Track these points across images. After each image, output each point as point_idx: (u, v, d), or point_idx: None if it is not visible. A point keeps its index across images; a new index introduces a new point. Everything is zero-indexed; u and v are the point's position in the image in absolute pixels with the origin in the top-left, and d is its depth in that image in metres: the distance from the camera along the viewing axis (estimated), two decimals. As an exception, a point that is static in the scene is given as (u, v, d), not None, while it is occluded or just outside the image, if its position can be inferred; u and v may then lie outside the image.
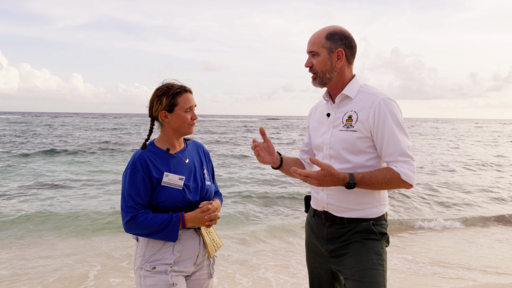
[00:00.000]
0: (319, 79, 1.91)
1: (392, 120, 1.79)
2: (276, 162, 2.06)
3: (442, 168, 13.97)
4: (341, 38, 1.88)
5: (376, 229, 1.86)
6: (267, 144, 2.02)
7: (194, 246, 1.95)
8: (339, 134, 1.87)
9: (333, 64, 1.88)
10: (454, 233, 6.53)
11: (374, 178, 1.77)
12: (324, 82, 1.92)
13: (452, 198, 9.14)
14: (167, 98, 1.90)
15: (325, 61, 1.88)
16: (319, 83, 1.93)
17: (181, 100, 1.91)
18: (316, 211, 2.00)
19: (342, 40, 1.88)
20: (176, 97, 1.90)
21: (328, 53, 1.88)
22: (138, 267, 1.90)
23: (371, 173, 1.78)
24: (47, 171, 12.00)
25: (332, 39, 1.87)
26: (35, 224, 6.41)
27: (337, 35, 1.88)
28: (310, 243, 2.07)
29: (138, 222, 1.81)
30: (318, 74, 1.90)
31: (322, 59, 1.88)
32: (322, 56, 1.88)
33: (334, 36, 1.88)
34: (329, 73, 1.89)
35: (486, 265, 4.91)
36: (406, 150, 1.80)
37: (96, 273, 4.46)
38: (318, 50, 1.89)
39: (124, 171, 1.90)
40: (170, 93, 1.90)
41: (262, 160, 2.01)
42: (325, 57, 1.88)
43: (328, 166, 1.73)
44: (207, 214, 1.88)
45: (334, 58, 1.88)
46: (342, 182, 1.76)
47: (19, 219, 6.63)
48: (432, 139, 31.09)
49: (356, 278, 1.82)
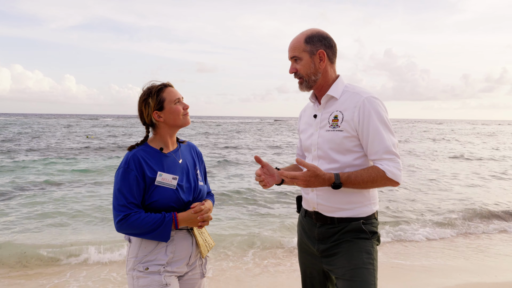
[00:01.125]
0: (306, 82, 1.93)
1: (376, 118, 1.81)
2: (278, 180, 2.04)
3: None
4: (319, 39, 1.90)
5: (366, 228, 1.87)
6: (266, 169, 2.00)
7: (187, 247, 1.95)
8: (326, 135, 1.89)
9: (317, 66, 1.91)
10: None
11: (360, 177, 1.79)
12: (311, 85, 1.94)
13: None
14: (153, 98, 1.91)
15: (309, 64, 1.90)
16: (306, 87, 1.95)
17: (167, 94, 1.92)
18: (307, 211, 2.02)
19: (321, 41, 1.90)
20: (160, 93, 1.92)
21: (310, 56, 1.90)
22: (130, 268, 1.90)
23: (356, 172, 1.80)
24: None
25: (311, 41, 1.90)
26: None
27: (315, 37, 1.90)
28: (302, 243, 2.08)
29: (130, 221, 1.80)
30: (304, 78, 1.92)
31: (305, 62, 1.91)
32: (305, 60, 1.90)
33: (312, 38, 1.90)
34: (314, 76, 1.91)
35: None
36: (391, 148, 1.81)
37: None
38: (299, 55, 1.91)
39: (117, 170, 1.90)
40: (153, 92, 1.92)
41: (267, 186, 1.97)
42: (307, 61, 1.90)
43: (313, 167, 1.75)
44: (200, 215, 1.89)
45: (316, 60, 1.90)
46: (328, 182, 1.78)
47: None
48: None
49: (347, 277, 1.83)
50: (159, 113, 1.92)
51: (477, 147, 24.65)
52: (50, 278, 4.45)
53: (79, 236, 5.97)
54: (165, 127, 1.95)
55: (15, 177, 11.06)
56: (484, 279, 4.47)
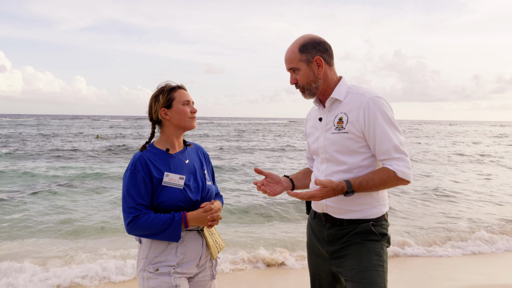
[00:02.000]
0: (308, 91, 1.93)
1: (382, 118, 1.80)
2: (288, 187, 2.05)
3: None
4: (313, 46, 1.89)
5: (376, 229, 1.86)
6: (269, 178, 2.02)
7: (197, 248, 1.96)
8: (331, 137, 1.89)
9: (316, 73, 1.90)
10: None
11: (372, 182, 1.78)
12: (313, 92, 1.94)
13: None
14: (163, 95, 1.95)
15: (307, 73, 1.90)
16: (309, 95, 1.95)
17: (177, 94, 1.96)
18: (316, 213, 2.02)
19: (315, 48, 1.89)
20: (171, 92, 1.96)
21: (307, 65, 1.89)
22: (141, 269, 1.91)
23: (367, 177, 1.80)
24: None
25: (306, 50, 1.88)
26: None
27: (309, 45, 1.89)
28: (311, 245, 2.08)
29: (140, 222, 1.82)
30: (305, 87, 1.92)
31: (303, 72, 1.90)
32: (303, 69, 1.90)
33: (306, 46, 1.88)
34: (315, 83, 1.91)
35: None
36: (400, 147, 1.80)
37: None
38: (296, 66, 1.90)
39: (125, 173, 1.92)
40: (165, 90, 1.96)
41: (272, 193, 1.97)
42: (306, 70, 1.89)
43: (329, 183, 1.75)
44: (210, 214, 1.90)
45: (314, 67, 1.89)
46: (341, 192, 1.78)
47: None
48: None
49: (356, 279, 1.82)
50: (166, 111, 1.95)
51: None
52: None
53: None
54: (170, 126, 1.97)
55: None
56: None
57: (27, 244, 5.67)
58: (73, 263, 4.77)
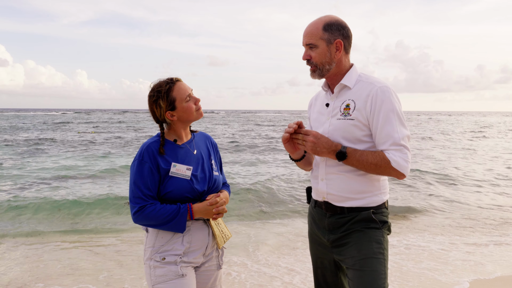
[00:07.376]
0: (319, 71, 1.90)
1: (389, 108, 1.79)
2: (300, 154, 2.02)
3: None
4: (338, 28, 1.86)
5: (376, 217, 1.87)
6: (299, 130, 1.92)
7: (203, 237, 1.98)
8: (337, 123, 1.88)
9: (332, 56, 1.87)
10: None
11: (365, 156, 1.79)
12: (324, 73, 1.91)
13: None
14: (163, 99, 1.91)
15: (324, 53, 1.87)
16: (319, 75, 1.92)
17: (177, 93, 1.92)
18: (317, 202, 2.02)
19: (339, 31, 1.86)
20: (169, 93, 1.91)
21: (327, 45, 1.86)
22: (148, 258, 1.93)
23: (362, 151, 1.80)
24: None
25: (330, 30, 1.85)
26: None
27: (334, 26, 1.86)
28: (313, 234, 2.09)
29: (146, 213, 1.84)
30: (318, 66, 1.89)
31: (321, 51, 1.87)
32: (321, 48, 1.86)
33: (331, 27, 1.86)
34: (329, 65, 1.88)
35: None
36: (400, 140, 1.78)
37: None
38: (316, 42, 1.86)
39: (132, 163, 1.93)
40: (162, 93, 1.91)
41: (294, 148, 1.95)
42: (324, 49, 1.86)
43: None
44: (215, 207, 1.91)
45: (333, 49, 1.87)
46: (334, 147, 1.80)
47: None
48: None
49: (357, 267, 1.84)
50: (172, 113, 1.94)
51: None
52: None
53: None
54: (178, 123, 1.98)
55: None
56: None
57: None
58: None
